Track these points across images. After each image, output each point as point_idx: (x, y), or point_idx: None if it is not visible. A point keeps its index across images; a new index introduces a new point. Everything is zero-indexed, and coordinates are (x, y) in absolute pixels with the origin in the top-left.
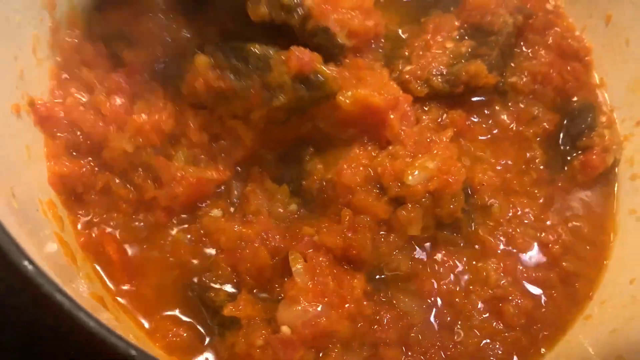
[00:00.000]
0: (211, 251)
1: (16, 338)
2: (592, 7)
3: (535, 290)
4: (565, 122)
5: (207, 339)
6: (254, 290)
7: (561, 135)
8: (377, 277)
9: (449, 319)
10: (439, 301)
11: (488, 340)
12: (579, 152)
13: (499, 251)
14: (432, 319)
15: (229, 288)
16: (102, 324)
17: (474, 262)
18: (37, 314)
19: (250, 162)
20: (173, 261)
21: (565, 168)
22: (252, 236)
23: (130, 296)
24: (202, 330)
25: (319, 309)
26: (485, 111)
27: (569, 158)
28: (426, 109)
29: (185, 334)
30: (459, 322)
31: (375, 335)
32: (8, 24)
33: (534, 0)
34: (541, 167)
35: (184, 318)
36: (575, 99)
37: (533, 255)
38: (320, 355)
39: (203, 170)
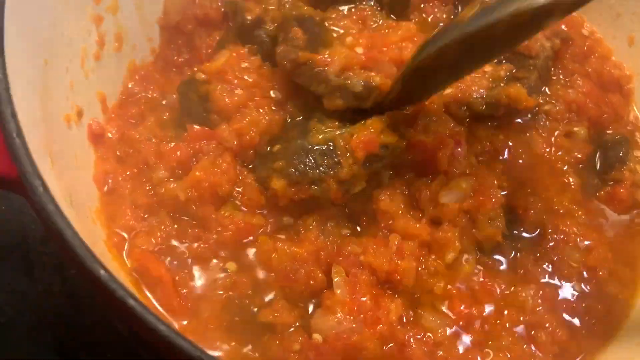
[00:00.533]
0: (261, 274)
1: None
2: (616, 29)
3: (574, 320)
4: (597, 154)
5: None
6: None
7: (596, 165)
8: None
9: (478, 339)
10: (470, 321)
11: None
12: (608, 184)
13: (541, 279)
14: (461, 338)
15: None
16: (170, 327)
17: (512, 287)
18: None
19: None
20: (221, 289)
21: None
22: (305, 256)
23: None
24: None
25: (354, 324)
26: (525, 134)
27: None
28: None
29: None
30: (489, 342)
31: (402, 355)
32: (62, 38)
33: (569, 27)
34: (577, 191)
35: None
36: (610, 130)
37: (577, 283)
38: None
39: (251, 216)
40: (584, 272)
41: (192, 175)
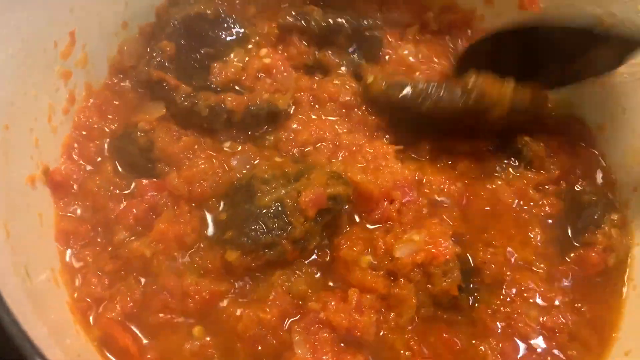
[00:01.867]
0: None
1: None
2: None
3: None
4: (571, 212)
5: None
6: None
7: (568, 223)
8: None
9: None
10: None
11: None
12: (580, 246)
13: (499, 331)
14: None
15: None
16: None
17: (472, 341)
18: None
19: None
20: (188, 355)
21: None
22: (272, 322)
23: None
24: None
25: None
26: (488, 186)
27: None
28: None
29: None
30: None
31: None
32: (26, 98)
33: None
34: (542, 245)
35: None
36: (579, 185)
37: (536, 340)
38: None
39: (217, 282)
40: (543, 332)
41: (156, 228)
